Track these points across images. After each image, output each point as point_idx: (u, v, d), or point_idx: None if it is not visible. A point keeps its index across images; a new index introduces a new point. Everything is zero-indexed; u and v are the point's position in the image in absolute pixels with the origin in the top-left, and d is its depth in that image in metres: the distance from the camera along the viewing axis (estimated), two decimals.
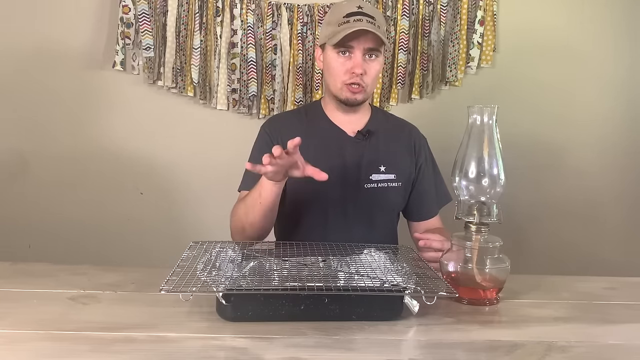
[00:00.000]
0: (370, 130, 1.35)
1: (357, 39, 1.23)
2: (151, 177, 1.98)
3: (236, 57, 1.90)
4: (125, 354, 0.75)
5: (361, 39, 1.23)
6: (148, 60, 1.88)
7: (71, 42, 1.90)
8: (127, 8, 1.86)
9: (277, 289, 0.85)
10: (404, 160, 1.37)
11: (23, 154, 1.94)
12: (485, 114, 0.99)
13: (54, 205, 1.95)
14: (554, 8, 1.98)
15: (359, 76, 1.25)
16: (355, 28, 1.21)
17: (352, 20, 1.23)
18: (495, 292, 1.00)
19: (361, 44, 1.24)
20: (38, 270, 1.11)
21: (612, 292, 1.09)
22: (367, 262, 1.00)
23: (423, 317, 0.89)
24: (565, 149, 2.03)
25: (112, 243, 1.95)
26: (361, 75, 1.25)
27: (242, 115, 1.96)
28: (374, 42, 1.24)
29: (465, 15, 1.94)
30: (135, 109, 1.95)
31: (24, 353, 0.75)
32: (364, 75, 1.25)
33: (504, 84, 1.99)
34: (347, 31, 1.21)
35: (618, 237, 2.07)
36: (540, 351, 0.79)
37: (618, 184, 2.06)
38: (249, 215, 1.22)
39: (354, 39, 1.23)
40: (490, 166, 0.97)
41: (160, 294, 0.82)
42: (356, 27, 1.21)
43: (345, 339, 0.81)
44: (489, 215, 0.98)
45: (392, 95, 1.96)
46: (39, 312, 0.88)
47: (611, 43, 2.00)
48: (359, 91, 1.27)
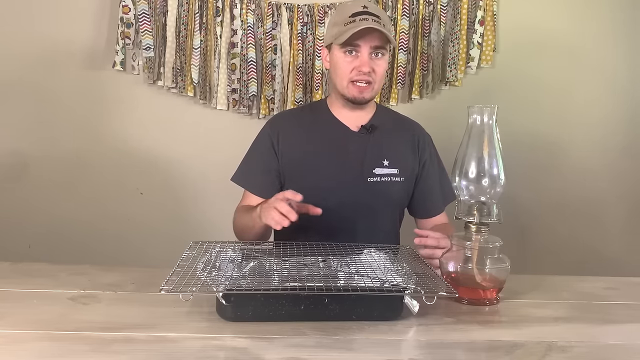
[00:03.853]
0: (374, 125, 1.36)
1: (364, 37, 1.24)
2: (151, 177, 1.98)
3: (236, 57, 1.90)
4: (125, 354, 0.75)
5: (367, 37, 1.24)
6: (148, 60, 1.88)
7: (71, 42, 1.90)
8: (127, 8, 1.86)
9: (277, 289, 0.85)
10: (407, 156, 1.37)
11: (23, 154, 1.94)
12: (485, 114, 0.99)
13: (54, 205, 1.95)
14: (554, 8, 1.98)
15: (366, 74, 1.27)
16: (361, 27, 1.22)
17: (358, 20, 1.25)
18: (495, 292, 1.00)
19: (367, 43, 1.25)
20: (38, 270, 1.11)
21: (612, 292, 1.09)
22: (367, 262, 1.00)
23: (423, 317, 0.89)
24: (566, 149, 2.03)
25: (112, 243, 1.95)
26: (369, 72, 1.27)
27: (242, 115, 1.96)
28: (380, 41, 1.26)
29: (465, 15, 1.94)
30: (135, 109, 1.95)
31: (24, 353, 0.75)
32: (371, 72, 1.27)
33: (504, 83, 1.99)
34: (354, 30, 1.22)
35: (618, 236, 2.07)
36: (540, 351, 0.79)
37: (618, 184, 2.06)
38: (246, 233, 1.28)
39: (360, 37, 1.24)
40: (490, 166, 0.97)
41: (160, 294, 0.82)
42: (362, 25, 1.22)
43: (345, 339, 0.81)
44: (489, 215, 0.98)
45: (392, 95, 1.96)
46: (39, 312, 0.88)
47: (611, 43, 2.00)
48: (366, 89, 1.29)
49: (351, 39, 1.24)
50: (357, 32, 1.22)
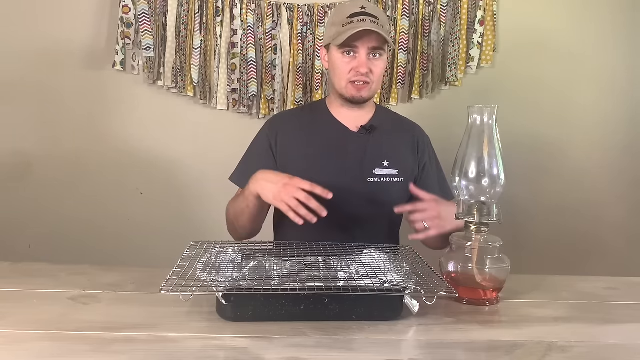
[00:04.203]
0: (373, 125, 1.36)
1: (361, 39, 1.25)
2: (151, 177, 1.98)
3: (236, 57, 1.90)
4: (125, 354, 0.75)
5: (365, 39, 1.25)
6: (148, 60, 1.88)
7: (71, 42, 1.90)
8: (127, 8, 1.86)
9: (277, 289, 0.85)
10: (407, 157, 1.37)
11: (23, 154, 1.94)
12: (485, 114, 0.99)
13: (54, 205, 1.95)
14: (554, 8, 1.98)
15: (364, 75, 1.27)
16: (359, 28, 1.22)
17: (356, 21, 1.24)
18: (495, 292, 1.00)
19: (365, 44, 1.25)
20: (38, 270, 1.11)
21: (612, 292, 1.09)
22: (367, 262, 1.00)
23: (423, 317, 0.89)
24: (565, 149, 2.03)
25: (112, 243, 1.95)
26: (367, 73, 1.27)
27: (242, 115, 1.96)
28: (378, 42, 1.26)
29: (465, 15, 1.94)
30: (135, 109, 1.95)
31: (24, 353, 0.75)
32: (369, 73, 1.27)
33: (504, 83, 1.99)
34: (351, 32, 1.22)
35: (618, 236, 2.07)
36: (540, 351, 0.79)
37: (618, 184, 2.05)
38: (239, 220, 1.28)
39: (358, 39, 1.24)
40: (490, 166, 0.97)
41: (160, 294, 0.82)
42: (360, 27, 1.22)
43: (345, 339, 0.81)
44: (489, 215, 0.98)
45: (392, 95, 1.96)
46: (39, 312, 0.88)
47: (611, 43, 2.00)
48: (364, 88, 1.29)
49: (349, 41, 1.24)
50: (355, 34, 1.22)
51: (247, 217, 1.25)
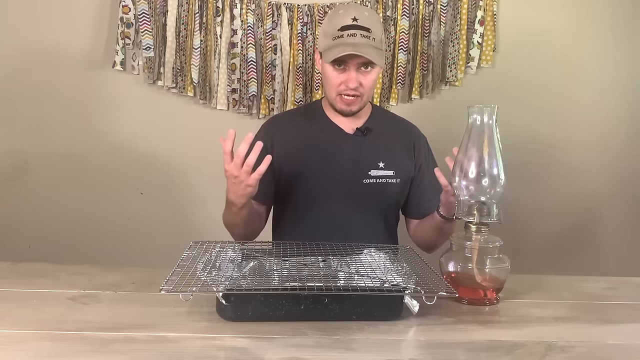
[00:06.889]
0: (369, 127, 1.36)
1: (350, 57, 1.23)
2: (151, 177, 1.98)
3: (236, 57, 1.90)
4: (125, 354, 0.75)
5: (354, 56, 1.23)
6: (148, 60, 1.88)
7: (71, 42, 1.90)
8: (127, 8, 1.86)
9: (277, 289, 0.85)
10: (403, 157, 1.37)
11: (23, 154, 1.94)
12: (485, 114, 0.99)
13: (54, 205, 1.95)
14: (554, 8, 1.98)
15: (354, 89, 1.26)
16: (347, 49, 1.20)
17: (346, 35, 1.23)
18: (495, 292, 1.00)
19: (355, 60, 1.24)
20: (38, 270, 1.11)
21: (612, 292, 1.09)
22: (367, 262, 1.00)
23: (423, 317, 0.89)
24: (566, 149, 2.03)
25: (112, 243, 1.95)
26: (357, 87, 1.26)
27: (242, 115, 1.96)
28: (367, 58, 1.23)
29: (465, 15, 1.94)
30: (135, 109, 1.94)
31: (24, 353, 0.75)
32: (359, 87, 1.27)
33: (504, 84, 1.99)
34: (340, 51, 1.21)
35: (618, 236, 2.06)
36: (540, 351, 0.79)
37: (618, 184, 2.05)
38: (234, 228, 1.29)
39: (347, 56, 1.23)
40: (490, 166, 0.97)
41: (160, 294, 0.82)
42: (349, 44, 1.21)
43: (345, 339, 0.81)
44: (489, 215, 0.98)
45: (392, 95, 1.95)
46: (39, 312, 0.88)
47: (611, 43, 2.00)
48: (354, 102, 1.29)
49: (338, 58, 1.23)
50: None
51: (240, 223, 1.25)
